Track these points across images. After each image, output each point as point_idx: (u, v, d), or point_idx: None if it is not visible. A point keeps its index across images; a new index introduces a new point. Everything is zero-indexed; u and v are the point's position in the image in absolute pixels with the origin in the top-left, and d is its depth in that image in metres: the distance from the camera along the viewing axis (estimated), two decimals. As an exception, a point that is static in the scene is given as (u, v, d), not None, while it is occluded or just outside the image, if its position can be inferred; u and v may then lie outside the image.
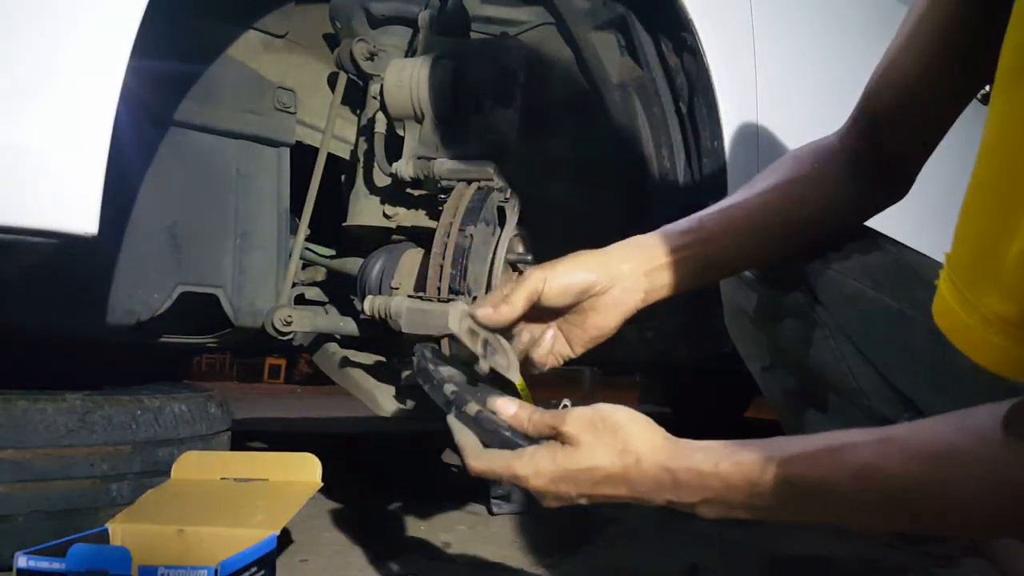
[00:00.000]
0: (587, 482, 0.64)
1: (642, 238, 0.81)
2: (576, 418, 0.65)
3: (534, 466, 0.64)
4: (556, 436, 0.65)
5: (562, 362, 0.81)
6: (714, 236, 0.81)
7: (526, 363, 0.79)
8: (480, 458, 0.67)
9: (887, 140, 0.79)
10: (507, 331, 0.76)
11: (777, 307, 0.86)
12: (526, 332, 0.78)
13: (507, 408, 0.68)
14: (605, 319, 0.78)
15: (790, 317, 0.85)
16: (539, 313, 0.77)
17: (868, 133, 0.80)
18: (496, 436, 0.67)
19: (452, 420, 0.69)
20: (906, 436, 0.55)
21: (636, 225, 1.65)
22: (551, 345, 0.80)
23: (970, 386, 0.56)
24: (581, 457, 0.64)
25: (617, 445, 0.63)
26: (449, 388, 0.69)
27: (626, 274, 0.78)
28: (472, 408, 0.67)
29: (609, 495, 0.65)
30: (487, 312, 0.73)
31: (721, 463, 0.60)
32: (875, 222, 0.86)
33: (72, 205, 0.77)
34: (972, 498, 0.51)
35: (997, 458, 0.50)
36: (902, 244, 0.83)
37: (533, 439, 0.66)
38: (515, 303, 0.73)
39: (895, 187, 0.84)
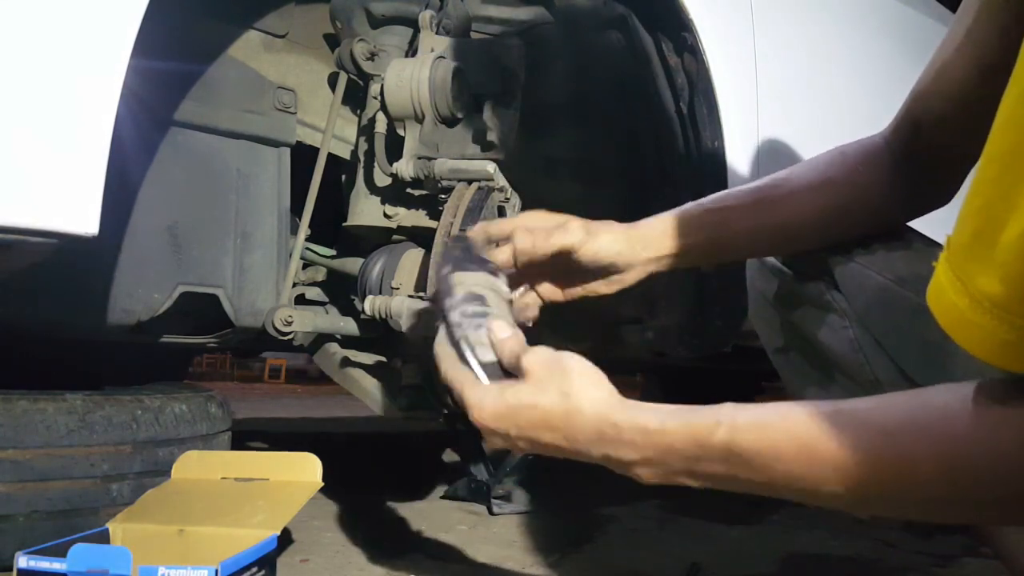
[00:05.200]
0: (526, 422, 0.62)
1: (668, 223, 0.82)
2: (537, 354, 0.64)
3: (479, 397, 0.63)
4: (518, 366, 0.64)
5: (541, 304, 0.84)
6: (739, 233, 0.82)
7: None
8: (452, 367, 0.67)
9: (931, 146, 0.79)
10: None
11: (796, 294, 0.86)
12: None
13: (502, 331, 0.67)
14: (607, 289, 0.82)
15: (808, 304, 0.85)
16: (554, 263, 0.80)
17: (912, 138, 0.80)
18: (461, 357, 0.67)
19: (441, 330, 0.69)
20: (868, 409, 0.53)
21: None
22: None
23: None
24: (525, 393, 0.62)
25: (563, 388, 0.61)
26: (449, 301, 0.69)
27: (642, 260, 0.81)
28: (455, 318, 0.68)
29: (547, 443, 0.62)
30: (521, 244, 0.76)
31: (668, 421, 0.58)
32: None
33: (72, 205, 0.77)
34: (929, 476, 0.49)
35: (960, 436, 0.48)
36: (932, 240, 0.83)
37: (503, 370, 0.65)
38: (546, 247, 0.77)
39: (939, 192, 0.83)
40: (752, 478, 0.56)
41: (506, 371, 0.65)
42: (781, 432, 0.54)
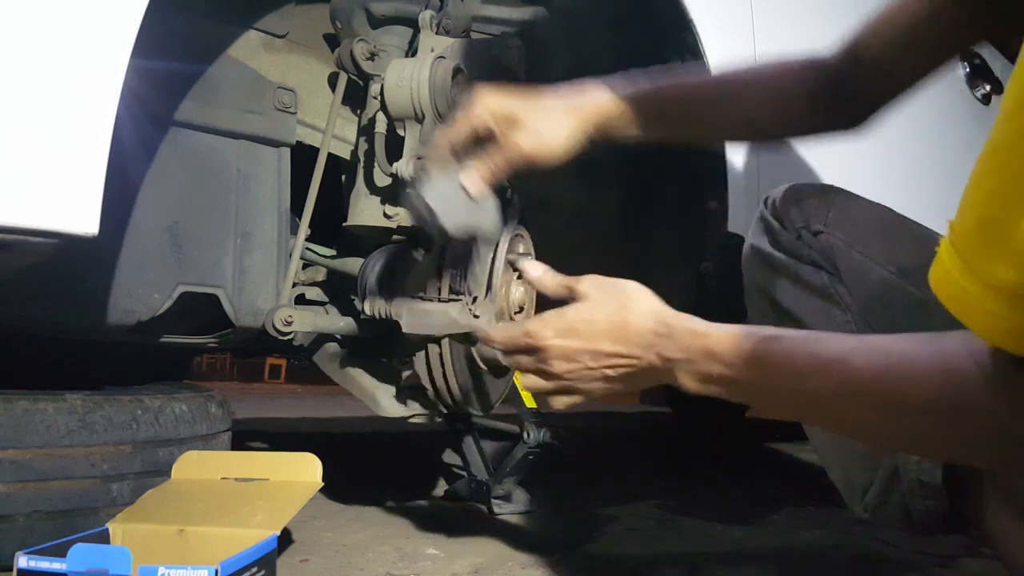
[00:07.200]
0: (588, 334, 0.69)
1: (601, 92, 0.89)
2: (590, 279, 0.72)
3: (542, 321, 0.71)
4: (571, 295, 0.72)
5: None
6: (673, 99, 0.90)
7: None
8: (501, 331, 0.76)
9: (863, 80, 0.84)
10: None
11: (798, 283, 0.87)
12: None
13: (534, 270, 0.77)
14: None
15: (809, 294, 0.86)
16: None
17: (848, 65, 0.85)
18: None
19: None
20: (879, 340, 0.59)
21: (635, 224, 1.66)
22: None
23: None
24: (586, 310, 0.70)
25: (620, 301, 0.69)
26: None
27: (589, 127, 0.87)
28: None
29: (607, 352, 0.69)
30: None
31: (713, 328, 0.65)
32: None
33: (72, 205, 0.77)
34: (919, 410, 0.54)
35: (950, 382, 0.52)
36: (928, 228, 0.84)
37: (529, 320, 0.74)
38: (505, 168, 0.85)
39: (855, 118, 0.89)
40: (778, 390, 0.62)
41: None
42: (805, 351, 0.60)
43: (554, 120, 0.85)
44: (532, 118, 0.84)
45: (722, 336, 0.64)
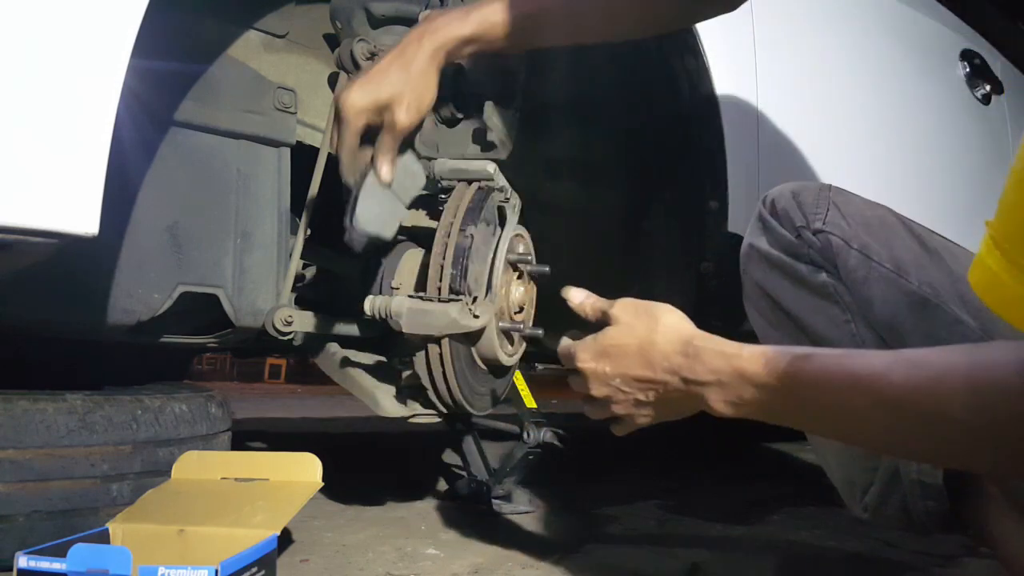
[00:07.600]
0: (618, 358, 0.70)
1: (449, 26, 0.95)
2: (622, 303, 0.74)
3: (582, 344, 0.74)
4: (605, 319, 0.74)
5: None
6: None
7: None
8: (561, 347, 0.78)
9: None
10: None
11: (797, 282, 0.86)
12: None
13: (576, 296, 0.79)
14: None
15: (809, 293, 0.86)
16: None
17: None
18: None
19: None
20: (916, 354, 0.57)
21: (635, 224, 1.65)
22: None
23: None
24: (616, 333, 0.71)
25: (649, 324, 0.70)
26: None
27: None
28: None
29: (636, 376, 0.70)
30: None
31: (746, 348, 0.65)
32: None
33: (72, 205, 0.77)
34: (960, 424, 0.53)
35: (992, 394, 0.51)
36: (927, 228, 0.83)
37: None
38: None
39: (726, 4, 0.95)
40: (813, 410, 0.61)
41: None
42: (836, 365, 0.59)
43: (416, 81, 0.90)
44: (398, 92, 0.89)
45: (753, 356, 0.63)
